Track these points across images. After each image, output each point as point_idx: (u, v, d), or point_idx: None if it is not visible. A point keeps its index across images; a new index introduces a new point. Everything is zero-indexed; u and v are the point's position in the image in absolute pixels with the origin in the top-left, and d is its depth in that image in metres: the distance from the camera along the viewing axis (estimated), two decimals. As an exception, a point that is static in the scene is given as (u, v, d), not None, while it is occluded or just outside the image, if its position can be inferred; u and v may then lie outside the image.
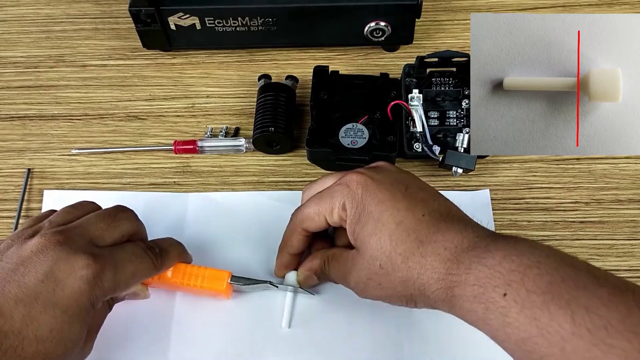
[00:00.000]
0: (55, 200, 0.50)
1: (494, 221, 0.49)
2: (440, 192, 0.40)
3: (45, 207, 0.50)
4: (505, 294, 0.31)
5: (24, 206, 0.50)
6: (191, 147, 0.53)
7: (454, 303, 0.34)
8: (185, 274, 0.43)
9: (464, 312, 0.34)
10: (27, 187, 0.51)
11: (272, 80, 0.55)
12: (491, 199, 0.50)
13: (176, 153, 0.53)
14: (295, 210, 0.43)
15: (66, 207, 0.41)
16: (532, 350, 0.30)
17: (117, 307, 0.42)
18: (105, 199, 0.50)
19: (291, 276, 0.44)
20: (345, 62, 0.59)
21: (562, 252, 0.33)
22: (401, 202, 0.37)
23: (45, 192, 0.51)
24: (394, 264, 0.36)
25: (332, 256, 0.42)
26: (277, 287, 0.44)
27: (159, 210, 0.49)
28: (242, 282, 0.44)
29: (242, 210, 0.50)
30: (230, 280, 0.43)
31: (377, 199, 0.38)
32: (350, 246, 0.40)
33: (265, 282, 0.44)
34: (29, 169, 0.52)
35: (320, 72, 0.54)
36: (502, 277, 0.32)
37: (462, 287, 0.33)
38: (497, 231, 0.48)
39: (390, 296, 0.38)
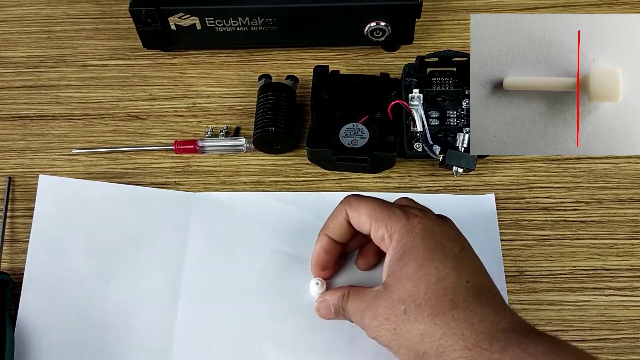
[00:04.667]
0: (50, 185, 0.49)
1: (494, 221, 0.49)
2: (444, 194, 0.40)
3: (41, 193, 0.49)
4: None
5: (15, 206, 0.51)
6: (192, 146, 0.53)
7: None
8: None
9: None
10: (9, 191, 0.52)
11: (273, 80, 0.55)
12: (491, 199, 0.50)
13: (177, 153, 0.53)
14: (351, 194, 0.42)
15: None
16: None
17: (118, 305, 0.41)
18: (106, 193, 0.50)
19: (315, 287, 0.44)
20: (345, 62, 0.59)
21: None
22: (450, 261, 0.36)
23: (41, 176, 0.49)
24: (420, 315, 0.35)
25: (353, 291, 0.40)
26: None
27: (162, 209, 0.49)
28: None
29: (247, 210, 0.49)
30: None
31: (429, 247, 0.37)
32: (371, 283, 0.40)
33: None
34: (10, 177, 0.52)
35: (320, 72, 0.54)
36: None
37: None
38: (500, 231, 0.48)
39: (400, 346, 0.36)
